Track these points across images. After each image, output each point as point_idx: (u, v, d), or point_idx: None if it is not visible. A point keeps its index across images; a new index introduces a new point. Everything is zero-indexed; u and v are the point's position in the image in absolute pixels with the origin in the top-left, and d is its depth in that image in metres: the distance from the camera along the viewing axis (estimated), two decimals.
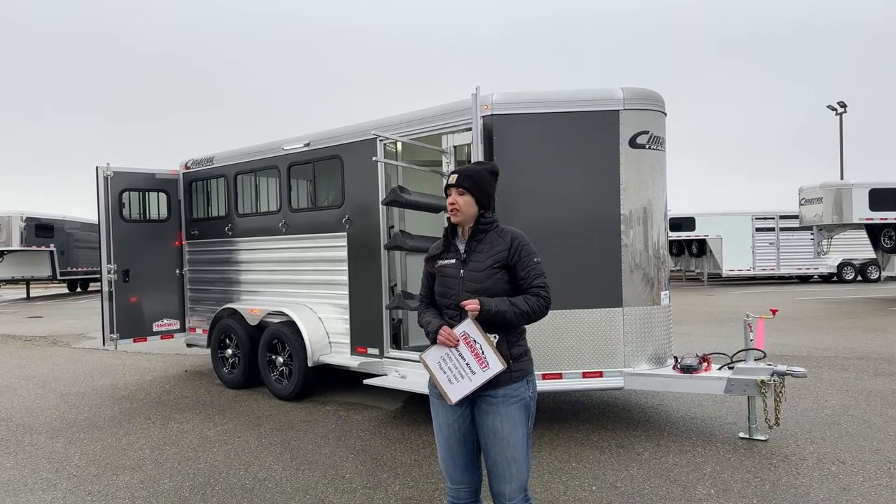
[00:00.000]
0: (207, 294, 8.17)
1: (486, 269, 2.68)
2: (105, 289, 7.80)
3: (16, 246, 23.26)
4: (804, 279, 24.51)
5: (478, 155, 4.66)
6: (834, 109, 32.48)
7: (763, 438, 4.97)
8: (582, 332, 5.25)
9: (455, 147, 5.75)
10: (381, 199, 5.94)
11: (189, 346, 8.51)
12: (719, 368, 5.20)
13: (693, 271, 26.72)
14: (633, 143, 5.30)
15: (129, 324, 8.00)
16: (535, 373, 5.21)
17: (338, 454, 4.95)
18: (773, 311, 5.26)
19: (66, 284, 28.91)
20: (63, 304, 22.55)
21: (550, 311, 5.18)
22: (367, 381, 5.93)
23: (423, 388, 5.53)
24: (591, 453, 4.80)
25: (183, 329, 8.50)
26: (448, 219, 2.80)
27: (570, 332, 5.24)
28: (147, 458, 5.00)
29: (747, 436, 5.04)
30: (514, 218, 5.25)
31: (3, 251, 23.78)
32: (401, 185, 5.52)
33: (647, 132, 5.35)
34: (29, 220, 23.52)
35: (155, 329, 8.32)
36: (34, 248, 23.73)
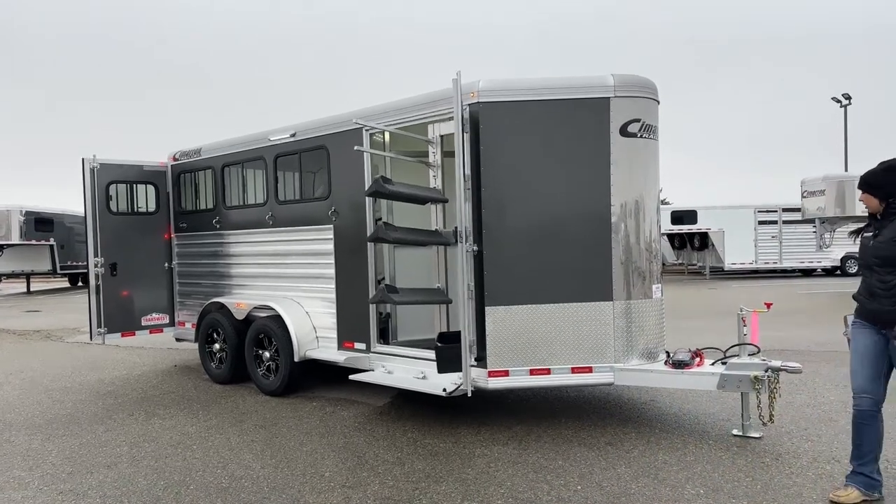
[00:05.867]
0: (196, 288, 8.04)
1: (886, 241, 3.57)
2: (92, 283, 7.68)
3: (15, 240, 23.20)
4: (807, 272, 24.30)
5: (461, 145, 4.49)
6: (839, 101, 32.13)
7: (757, 436, 4.83)
8: (571, 327, 5.10)
9: (442, 136, 5.60)
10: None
11: (178, 340, 8.40)
12: (712, 364, 5.05)
13: (695, 265, 26.52)
14: (623, 131, 5.14)
15: (117, 318, 7.88)
16: (522, 368, 5.11)
17: (319, 452, 4.83)
18: (768, 305, 5.10)
19: (67, 278, 28.88)
20: (63, 298, 22.49)
21: (538, 305, 5.11)
22: (352, 377, 5.80)
23: (408, 385, 5.42)
24: (579, 451, 4.66)
25: (172, 323, 8.38)
26: None
27: (559, 327, 5.10)
28: (124, 455, 4.89)
29: (741, 433, 4.89)
30: (502, 208, 5.11)
31: (2, 245, 23.73)
32: (384, 175, 5.36)
33: (638, 120, 5.18)
34: (28, 214, 23.45)
35: (143, 323, 8.20)
36: (34, 242, 23.66)
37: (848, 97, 31.76)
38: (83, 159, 7.74)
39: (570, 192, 5.15)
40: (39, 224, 23.90)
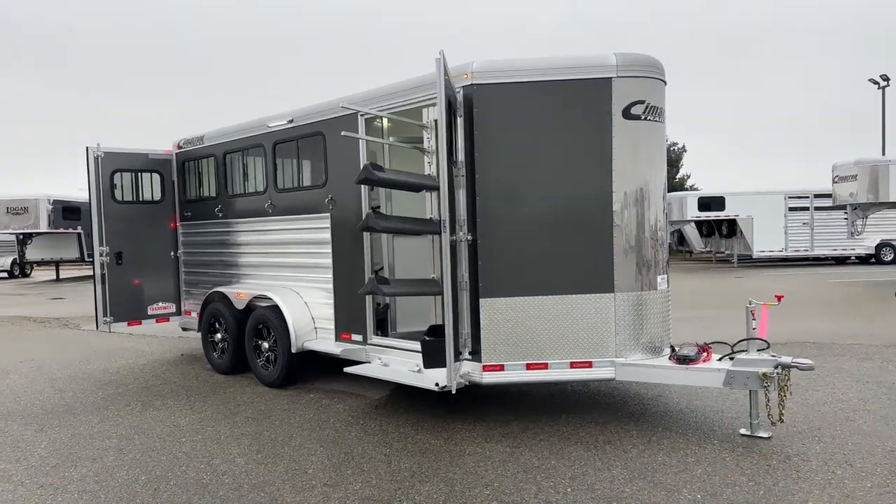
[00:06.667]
0: (201, 277, 7.98)
1: None
2: (97, 272, 7.66)
3: (43, 228, 23.60)
4: (840, 260, 23.51)
5: (443, 128, 4.23)
6: (876, 83, 30.95)
7: (765, 436, 4.55)
8: (570, 319, 4.88)
9: (436, 121, 5.37)
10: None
11: (184, 330, 8.38)
12: (719, 359, 4.78)
13: (723, 252, 25.87)
14: (626, 113, 4.86)
15: (123, 307, 7.86)
16: (518, 362, 4.90)
17: (307, 446, 4.69)
18: (779, 298, 4.80)
19: None
20: (89, 285, 22.81)
21: (536, 297, 4.89)
22: (347, 369, 5.66)
23: (401, 378, 5.26)
24: (575, 450, 4.45)
25: (178, 312, 8.35)
26: None
27: (558, 319, 4.87)
28: (112, 447, 4.82)
29: (749, 433, 4.62)
30: (498, 195, 4.88)
31: (31, 234, 24.20)
32: (374, 162, 5.17)
33: (642, 101, 4.90)
34: (56, 202, 23.80)
35: (150, 312, 8.17)
36: (61, 230, 24.05)
37: (886, 78, 30.58)
38: (87, 148, 7.70)
39: (569, 179, 4.91)
40: (67, 213, 24.24)
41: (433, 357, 4.45)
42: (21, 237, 24.68)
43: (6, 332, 11.21)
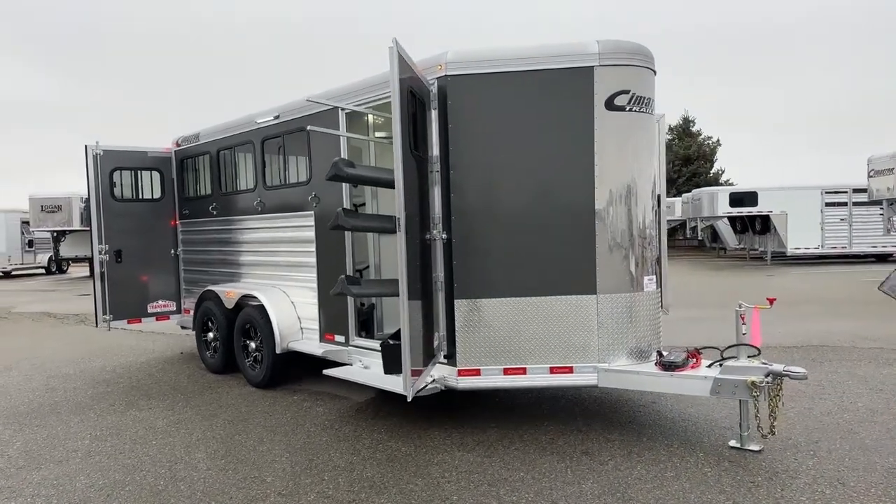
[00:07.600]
0: (199, 275, 7.94)
1: None
2: (97, 270, 7.67)
3: (76, 226, 24.18)
4: (882, 258, 22.49)
5: (398, 124, 3.95)
6: None
7: (756, 449, 4.23)
8: (550, 322, 4.63)
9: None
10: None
11: (183, 328, 8.36)
12: (709, 366, 4.48)
13: (757, 250, 25.02)
14: (609, 104, 4.58)
15: (123, 305, 7.85)
16: (495, 367, 4.68)
17: (273, 452, 4.55)
18: (770, 301, 4.46)
19: None
20: None
21: (514, 298, 4.66)
22: (325, 372, 5.51)
23: (376, 382, 5.09)
24: (549, 461, 4.20)
25: (179, 311, 8.32)
26: None
27: (536, 322, 4.63)
28: (81, 449, 4.75)
29: (738, 445, 4.31)
30: (474, 193, 4.66)
31: (64, 231, 24.80)
32: (343, 157, 4.98)
33: (627, 91, 4.61)
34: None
35: (150, 310, 8.16)
36: None
37: None
38: (86, 146, 7.72)
39: (548, 174, 4.66)
40: None
41: (395, 362, 4.24)
42: (55, 234, 25.32)
43: (24, 329, 11.41)
